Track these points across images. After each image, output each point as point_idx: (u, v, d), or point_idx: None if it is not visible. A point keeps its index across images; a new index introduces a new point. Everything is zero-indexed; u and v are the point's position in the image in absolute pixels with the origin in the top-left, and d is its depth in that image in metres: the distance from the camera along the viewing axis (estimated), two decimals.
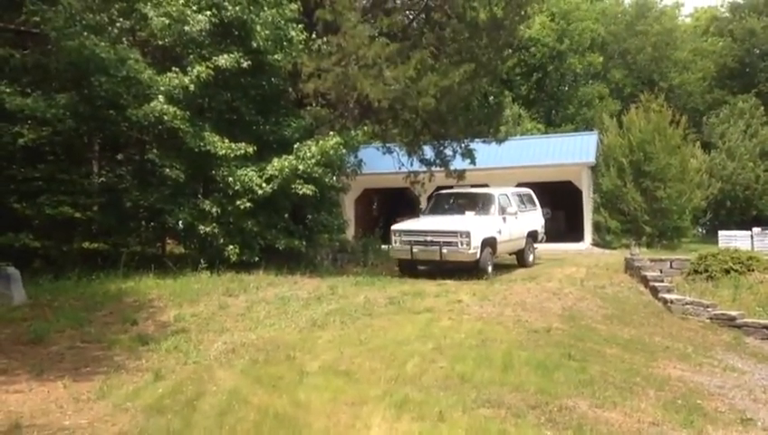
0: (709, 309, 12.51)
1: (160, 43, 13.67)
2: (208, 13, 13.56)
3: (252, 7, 14.11)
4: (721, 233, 24.75)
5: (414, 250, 14.23)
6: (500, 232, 14.98)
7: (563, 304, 11.59)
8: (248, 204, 13.73)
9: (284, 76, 15.17)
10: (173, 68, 13.40)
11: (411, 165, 19.32)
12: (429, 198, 16.27)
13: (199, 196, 14.35)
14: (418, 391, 6.51)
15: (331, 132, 14.71)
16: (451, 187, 24.74)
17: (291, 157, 14.12)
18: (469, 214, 15.30)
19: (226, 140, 13.73)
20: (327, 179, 14.86)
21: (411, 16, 18.19)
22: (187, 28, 13.34)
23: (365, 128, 16.04)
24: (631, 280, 14.89)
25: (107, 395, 6.21)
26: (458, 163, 19.07)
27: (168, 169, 13.54)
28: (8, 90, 12.92)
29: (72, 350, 7.86)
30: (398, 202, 26.78)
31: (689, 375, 8.45)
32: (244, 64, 13.77)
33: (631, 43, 45.23)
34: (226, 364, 7.39)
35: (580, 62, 42.32)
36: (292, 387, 6.61)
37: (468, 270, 14.19)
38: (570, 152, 25.25)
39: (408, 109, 15.31)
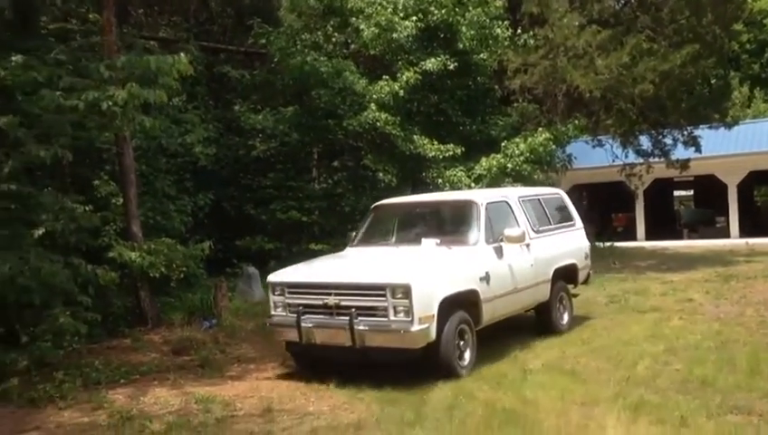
0: None
1: (371, 52, 14.35)
2: (414, 18, 13.98)
3: (457, 9, 14.29)
4: None
5: (305, 325, 6.87)
6: (487, 279, 7.37)
7: None
8: None
9: (490, 74, 15.19)
10: (383, 76, 14.00)
11: (626, 157, 18.29)
12: (366, 214, 9.34)
13: None
14: (654, 393, 6.10)
15: (540, 128, 14.43)
16: (671, 179, 23.08)
17: (498, 155, 14.10)
18: (429, 243, 7.68)
19: (435, 142, 14.04)
20: (536, 177, 14.60)
21: (623, 0, 17.23)
22: (395, 35, 13.85)
23: (576, 121, 15.46)
24: None
25: (345, 385, 6.61)
26: (680, 152, 17.68)
27: (381, 174, 14.13)
28: (243, 108, 14.41)
29: None
30: (610, 197, 25.52)
31: None
32: (451, 66, 13.99)
33: None
34: None
35: None
36: (517, 384, 6.53)
37: (414, 364, 6.75)
38: None
39: (623, 97, 14.51)
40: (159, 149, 12.21)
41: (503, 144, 14.24)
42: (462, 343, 7.05)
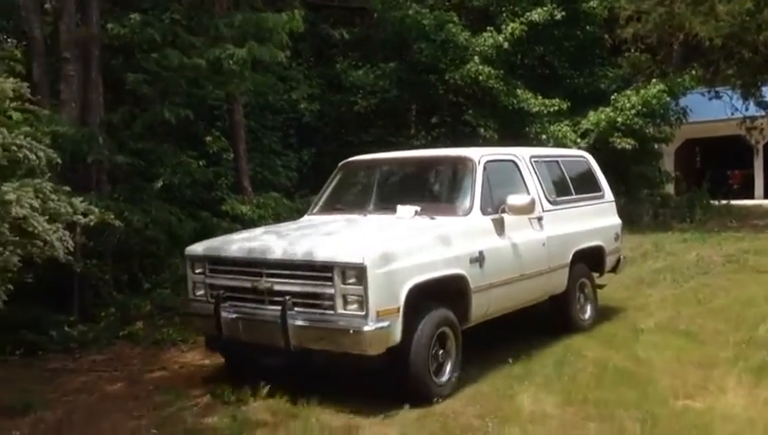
0: None
1: (475, 3, 14.02)
2: None
3: None
4: None
5: (226, 314, 5.18)
6: (481, 261, 5.46)
7: None
8: None
9: (599, 23, 14.55)
10: (487, 27, 13.66)
11: (746, 109, 17.17)
12: (335, 174, 6.93)
13: None
14: None
15: (654, 79, 13.75)
16: None
17: (608, 109, 13.60)
18: (405, 211, 5.76)
19: (539, 97, 13.65)
20: (648, 131, 13.99)
21: None
22: None
23: (692, 72, 14.59)
24: None
25: None
26: None
27: (481, 129, 13.90)
28: (344, 65, 14.48)
29: None
30: (725, 152, 24.04)
31: None
32: (558, 16, 13.53)
33: None
34: None
35: None
36: (629, 344, 6.36)
37: (374, 374, 4.90)
38: None
39: (746, 45, 13.61)
40: (266, 106, 12.50)
41: (612, 97, 13.71)
42: (442, 352, 5.12)
